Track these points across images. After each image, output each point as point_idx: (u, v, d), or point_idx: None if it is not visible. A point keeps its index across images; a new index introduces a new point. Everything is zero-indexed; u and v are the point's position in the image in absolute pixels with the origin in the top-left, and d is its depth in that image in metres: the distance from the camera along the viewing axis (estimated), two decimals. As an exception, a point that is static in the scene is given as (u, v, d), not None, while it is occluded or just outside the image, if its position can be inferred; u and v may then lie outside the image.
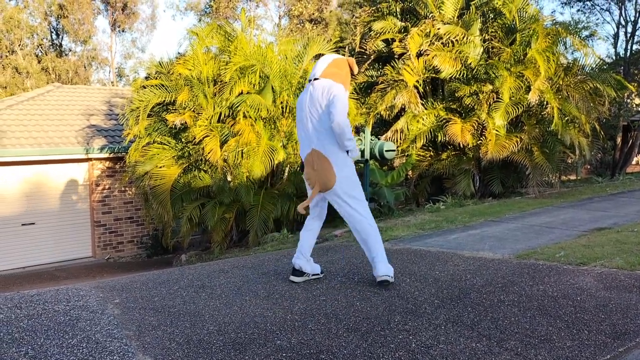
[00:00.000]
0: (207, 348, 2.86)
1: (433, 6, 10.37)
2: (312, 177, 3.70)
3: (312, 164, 3.68)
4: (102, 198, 12.79)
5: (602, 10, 17.83)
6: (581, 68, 10.40)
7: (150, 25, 33.85)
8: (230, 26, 10.07)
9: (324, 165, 3.64)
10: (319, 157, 3.65)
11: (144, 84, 10.10)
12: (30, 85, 25.90)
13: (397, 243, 5.73)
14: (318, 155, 3.66)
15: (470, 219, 7.16)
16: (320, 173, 3.66)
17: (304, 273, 4.09)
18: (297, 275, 4.09)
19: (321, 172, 3.65)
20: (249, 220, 8.95)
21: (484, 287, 3.86)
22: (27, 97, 14.10)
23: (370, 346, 2.84)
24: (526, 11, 10.28)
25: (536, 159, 9.73)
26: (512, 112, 9.63)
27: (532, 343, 2.82)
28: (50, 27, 29.83)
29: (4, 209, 11.69)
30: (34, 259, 12.01)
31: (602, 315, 3.20)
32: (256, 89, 9.22)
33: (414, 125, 10.29)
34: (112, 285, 4.26)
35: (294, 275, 4.10)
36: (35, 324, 3.29)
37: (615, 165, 17.00)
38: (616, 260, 4.41)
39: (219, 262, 5.30)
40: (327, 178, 3.65)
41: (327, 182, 3.66)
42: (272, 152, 8.90)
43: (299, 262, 4.05)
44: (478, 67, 9.94)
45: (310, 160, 3.70)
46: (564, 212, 7.51)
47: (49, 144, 11.99)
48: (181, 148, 9.62)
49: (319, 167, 3.66)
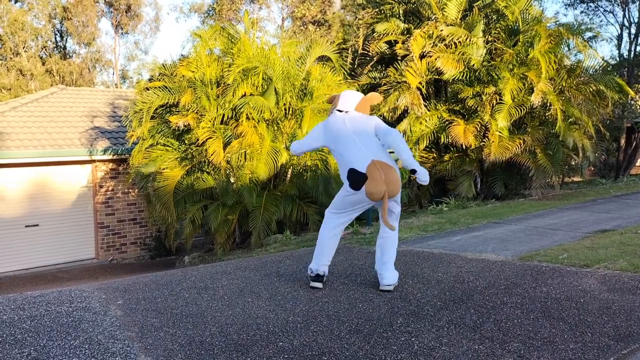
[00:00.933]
0: (209, 349, 2.86)
1: (436, 8, 10.36)
2: (380, 187, 3.71)
3: (381, 173, 3.72)
4: (105, 200, 12.81)
5: (605, 12, 17.82)
6: (584, 70, 10.38)
7: (153, 27, 33.96)
8: (234, 28, 10.09)
9: (393, 172, 3.75)
10: (383, 166, 3.73)
11: (147, 86, 10.13)
12: (34, 87, 25.99)
13: (400, 245, 5.71)
14: (382, 165, 3.73)
15: (473, 221, 7.14)
16: (393, 180, 3.74)
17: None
18: (321, 281, 4.06)
19: (393, 179, 3.74)
20: (251, 222, 8.95)
21: (487, 289, 3.85)
22: (31, 99, 14.14)
23: (372, 348, 2.83)
24: (529, 13, 10.28)
25: (539, 160, 9.71)
26: (515, 114, 9.61)
27: (535, 345, 2.81)
28: (55, 30, 29.94)
29: (8, 210, 11.73)
30: (37, 261, 12.04)
31: (606, 317, 3.19)
32: (259, 90, 9.23)
33: (417, 126, 10.28)
34: (115, 286, 4.26)
35: (319, 281, 4.05)
36: (38, 325, 3.30)
37: (619, 167, 16.95)
38: (620, 262, 4.39)
39: (221, 264, 5.31)
40: (399, 183, 3.78)
41: (398, 188, 3.78)
42: (275, 154, 8.91)
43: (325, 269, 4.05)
44: (481, 68, 9.93)
45: (376, 170, 3.72)
46: (567, 214, 7.49)
47: (52, 145, 12.02)
48: (184, 150, 9.63)
49: (389, 175, 3.73)
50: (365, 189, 3.71)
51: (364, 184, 3.70)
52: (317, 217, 9.28)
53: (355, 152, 3.80)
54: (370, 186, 3.69)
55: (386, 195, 3.71)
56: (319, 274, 4.02)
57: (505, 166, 10.16)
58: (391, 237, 3.93)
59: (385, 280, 3.88)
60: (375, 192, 3.69)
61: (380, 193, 3.70)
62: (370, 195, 3.71)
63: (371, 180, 3.69)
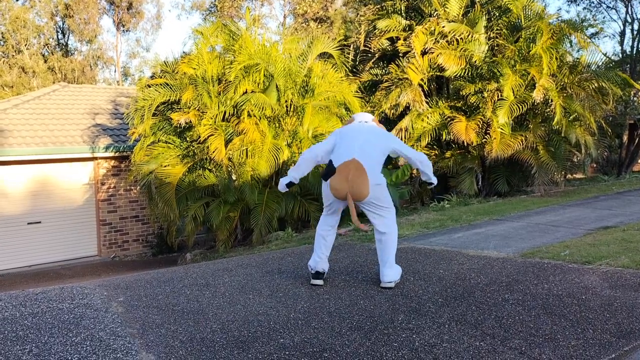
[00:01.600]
0: (210, 346, 2.87)
1: (438, 4, 10.33)
2: (342, 185, 3.74)
3: (349, 173, 3.72)
4: (107, 197, 12.83)
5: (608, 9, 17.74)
6: (587, 66, 10.34)
7: (155, 24, 33.95)
8: (235, 25, 10.07)
9: (362, 177, 3.72)
10: (356, 168, 3.73)
11: (149, 83, 10.12)
12: (36, 85, 26.01)
13: (401, 242, 5.71)
14: (356, 166, 3.73)
15: (475, 218, 7.13)
16: (358, 183, 3.73)
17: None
18: (321, 278, 4.07)
19: (359, 183, 3.73)
20: (253, 219, 8.95)
21: (489, 285, 3.84)
22: (33, 97, 14.15)
23: (373, 344, 2.83)
24: (531, 9, 10.23)
25: (542, 157, 9.68)
26: (516, 110, 9.58)
27: (536, 342, 2.81)
28: (57, 27, 29.95)
29: (10, 207, 11.75)
30: (40, 258, 12.06)
31: (607, 314, 3.18)
32: (260, 87, 9.22)
33: (419, 123, 10.26)
34: (117, 283, 4.27)
35: (319, 278, 4.06)
36: (39, 322, 3.31)
37: (621, 163, 16.88)
38: (622, 259, 4.38)
39: (223, 261, 5.31)
40: (364, 190, 3.75)
41: (362, 193, 3.75)
42: (277, 151, 8.90)
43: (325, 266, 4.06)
44: (483, 65, 9.90)
45: (345, 168, 3.73)
46: (569, 211, 7.47)
47: (54, 143, 12.03)
48: (186, 147, 9.63)
49: (356, 178, 3.72)
50: (329, 182, 3.82)
51: (330, 177, 3.80)
52: (319, 214, 9.27)
53: (345, 148, 3.86)
54: (334, 181, 3.79)
55: (349, 197, 3.74)
56: (319, 271, 4.03)
57: (507, 163, 10.13)
58: (390, 234, 3.92)
59: (386, 278, 3.88)
60: (338, 188, 3.77)
61: (341, 191, 3.76)
62: (332, 189, 3.80)
63: (337, 175, 3.77)
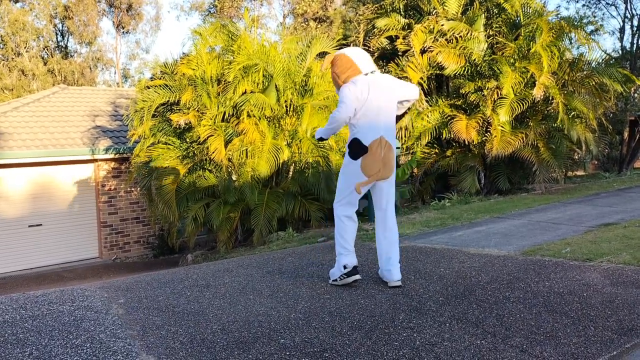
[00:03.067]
0: (210, 347, 2.86)
1: (436, 2, 10.32)
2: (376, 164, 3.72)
3: (382, 152, 3.74)
4: (108, 199, 12.83)
5: (607, 5, 17.73)
6: (587, 63, 10.32)
7: (154, 26, 33.99)
8: (234, 25, 10.05)
9: (392, 154, 3.79)
10: (386, 145, 3.75)
11: (148, 85, 10.11)
12: (36, 87, 26.03)
13: (402, 241, 5.69)
14: (386, 144, 3.75)
15: (476, 216, 7.12)
16: (390, 160, 3.77)
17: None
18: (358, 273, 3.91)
19: (390, 161, 3.78)
20: (253, 219, 8.94)
21: (489, 283, 3.83)
22: (33, 99, 14.17)
23: (374, 344, 2.83)
24: (530, 6, 10.22)
25: (542, 155, 9.67)
26: (517, 108, 9.56)
27: (537, 340, 2.80)
28: (56, 29, 29.98)
29: (11, 210, 11.75)
30: (41, 260, 12.07)
31: (609, 311, 3.17)
32: (260, 88, 9.22)
33: (419, 122, 10.25)
34: (117, 285, 4.27)
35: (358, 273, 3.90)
36: (39, 324, 3.30)
37: (622, 160, 16.88)
38: (623, 255, 4.37)
39: (223, 262, 5.31)
40: (394, 167, 3.81)
41: (392, 170, 3.80)
42: (277, 151, 8.90)
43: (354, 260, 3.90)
44: (482, 63, 9.89)
45: (379, 147, 3.73)
46: (570, 208, 7.46)
47: (54, 145, 12.04)
48: (186, 148, 9.63)
49: (388, 155, 3.76)
50: (360, 161, 3.72)
51: (362, 156, 3.72)
52: (319, 213, 9.28)
53: (369, 123, 3.74)
54: (367, 160, 3.72)
55: (378, 175, 3.74)
56: (356, 265, 3.88)
57: (508, 161, 10.12)
58: (394, 233, 3.89)
59: (396, 276, 3.83)
60: (370, 167, 3.72)
61: (374, 170, 3.73)
62: (363, 168, 3.72)
63: (370, 155, 3.72)
